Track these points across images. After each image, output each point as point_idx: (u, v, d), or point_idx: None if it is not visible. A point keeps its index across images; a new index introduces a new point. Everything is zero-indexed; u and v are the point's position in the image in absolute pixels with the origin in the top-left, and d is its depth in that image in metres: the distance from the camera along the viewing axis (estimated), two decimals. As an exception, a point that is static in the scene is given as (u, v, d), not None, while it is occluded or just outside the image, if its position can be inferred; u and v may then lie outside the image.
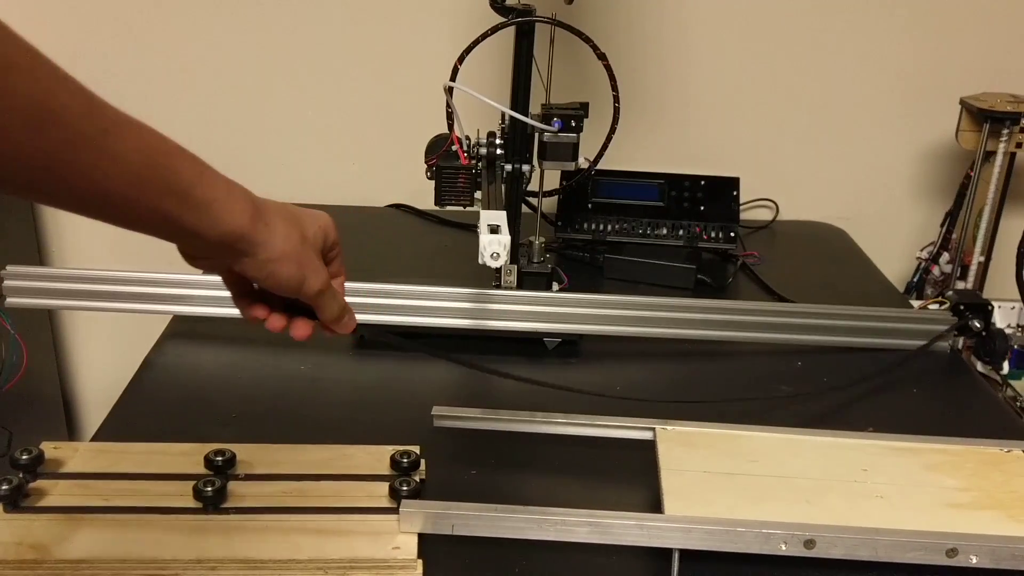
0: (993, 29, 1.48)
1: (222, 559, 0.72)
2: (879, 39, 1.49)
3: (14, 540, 0.73)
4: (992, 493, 0.81)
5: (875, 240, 1.51)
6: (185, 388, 1.02)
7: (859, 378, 1.06)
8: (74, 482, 0.80)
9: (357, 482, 0.82)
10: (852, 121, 1.54)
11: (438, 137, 1.13)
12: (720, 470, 0.82)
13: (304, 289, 0.66)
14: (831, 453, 0.86)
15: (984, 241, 1.41)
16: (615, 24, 1.46)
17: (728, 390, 1.06)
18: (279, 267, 0.63)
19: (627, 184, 1.40)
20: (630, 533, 0.74)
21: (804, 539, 0.73)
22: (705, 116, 1.53)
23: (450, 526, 0.75)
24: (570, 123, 1.07)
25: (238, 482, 0.81)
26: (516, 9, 1.06)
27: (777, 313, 1.14)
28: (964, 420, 1.04)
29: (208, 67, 1.48)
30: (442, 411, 0.90)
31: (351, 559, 0.73)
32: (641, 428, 0.88)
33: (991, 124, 1.35)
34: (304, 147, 1.54)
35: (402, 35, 1.47)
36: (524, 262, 1.18)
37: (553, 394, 1.02)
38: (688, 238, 1.36)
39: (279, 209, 0.64)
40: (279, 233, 0.62)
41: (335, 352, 1.08)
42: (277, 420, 0.96)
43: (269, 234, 0.61)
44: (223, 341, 1.09)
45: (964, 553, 0.73)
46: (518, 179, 1.13)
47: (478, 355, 1.09)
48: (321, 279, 0.67)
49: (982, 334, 1.16)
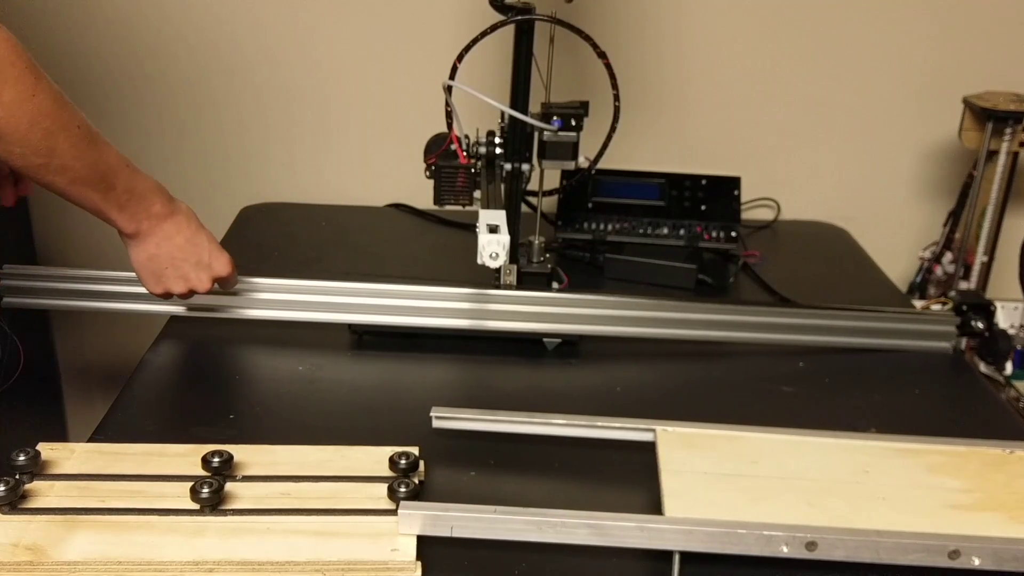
0: (996, 28, 1.48)
1: (219, 561, 0.72)
2: (882, 38, 1.49)
3: (10, 541, 0.72)
4: (994, 494, 0.81)
5: (877, 240, 1.51)
6: (182, 389, 1.01)
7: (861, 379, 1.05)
8: (71, 483, 0.80)
9: (355, 483, 0.81)
10: (854, 120, 1.54)
11: (437, 136, 1.12)
12: (721, 471, 0.82)
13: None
14: (833, 454, 0.85)
15: (987, 241, 1.40)
16: (615, 22, 1.45)
17: (729, 391, 1.06)
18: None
19: (627, 183, 1.39)
20: (630, 535, 0.74)
21: (805, 541, 0.73)
22: (706, 115, 1.53)
23: (449, 528, 0.74)
24: (570, 122, 1.06)
25: (236, 483, 0.80)
26: (516, 7, 1.05)
27: (778, 313, 1.13)
28: (966, 421, 1.03)
29: (208, 67, 1.48)
30: (441, 412, 0.89)
31: (349, 561, 0.72)
32: (641, 429, 0.88)
33: (994, 123, 1.34)
34: (303, 147, 1.54)
35: (401, 33, 1.47)
36: (524, 262, 1.18)
37: (553, 395, 1.02)
38: (689, 238, 1.36)
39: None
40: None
41: (333, 353, 1.08)
42: (275, 421, 0.95)
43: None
44: (220, 342, 1.09)
45: (966, 555, 0.73)
46: (518, 178, 1.12)
47: (478, 355, 1.09)
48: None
49: (985, 334, 1.16)
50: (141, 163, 0.92)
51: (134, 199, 0.89)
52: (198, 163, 1.53)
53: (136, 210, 0.90)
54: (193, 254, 0.96)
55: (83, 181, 0.84)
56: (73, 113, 0.81)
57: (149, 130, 1.50)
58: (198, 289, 0.98)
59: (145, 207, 0.91)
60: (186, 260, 0.95)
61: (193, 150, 1.52)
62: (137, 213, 0.90)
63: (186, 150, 1.52)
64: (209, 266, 0.97)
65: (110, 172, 0.86)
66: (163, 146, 1.51)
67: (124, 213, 0.89)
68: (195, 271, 0.96)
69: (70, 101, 0.81)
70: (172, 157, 1.51)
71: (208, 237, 0.97)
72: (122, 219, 0.90)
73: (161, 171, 0.99)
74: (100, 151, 0.85)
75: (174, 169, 1.50)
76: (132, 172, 0.89)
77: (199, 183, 1.52)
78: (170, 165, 1.50)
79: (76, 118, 0.81)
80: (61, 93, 0.80)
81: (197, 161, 1.53)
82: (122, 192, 0.88)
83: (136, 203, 0.90)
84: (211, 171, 1.53)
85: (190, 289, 0.97)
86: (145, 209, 0.91)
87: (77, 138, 0.81)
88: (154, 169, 0.98)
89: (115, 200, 0.88)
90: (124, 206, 0.89)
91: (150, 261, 0.94)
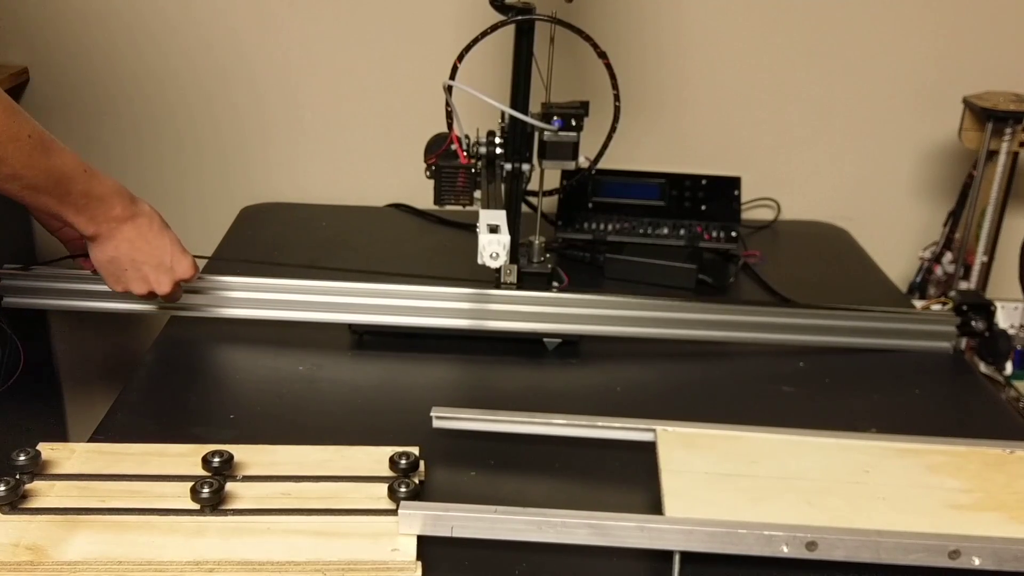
0: (997, 28, 1.48)
1: (220, 561, 0.72)
2: (882, 37, 1.49)
3: (11, 542, 0.72)
4: (995, 494, 0.81)
5: (877, 240, 1.51)
6: (182, 389, 1.01)
7: (861, 379, 1.05)
8: (71, 483, 0.80)
9: (356, 483, 0.81)
10: (854, 120, 1.54)
11: (437, 136, 1.12)
12: (721, 471, 0.82)
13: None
14: (833, 454, 0.85)
15: (987, 241, 1.40)
16: (616, 22, 1.45)
17: (729, 391, 1.06)
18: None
19: (628, 183, 1.39)
20: (630, 535, 0.74)
21: (806, 541, 0.73)
22: (706, 115, 1.53)
23: (449, 528, 0.74)
24: (570, 122, 1.06)
25: (236, 483, 0.80)
26: (516, 7, 1.05)
27: (779, 313, 1.13)
28: (967, 421, 1.03)
29: (208, 67, 1.48)
30: (441, 412, 0.89)
31: (350, 561, 0.72)
32: (641, 429, 0.88)
33: (994, 123, 1.34)
34: (303, 147, 1.54)
35: (401, 33, 1.47)
36: (524, 262, 1.18)
37: (553, 395, 1.02)
38: (689, 238, 1.36)
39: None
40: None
41: (333, 353, 1.08)
42: (275, 421, 0.95)
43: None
44: (221, 342, 1.09)
45: (966, 555, 0.73)
46: (518, 178, 1.12)
47: (478, 355, 1.09)
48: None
49: (985, 334, 1.16)
50: (141, 163, 0.92)
51: (92, 202, 0.90)
52: (198, 163, 1.53)
53: (95, 213, 0.91)
54: (153, 256, 0.96)
55: (36, 188, 0.85)
56: (23, 123, 0.82)
57: (150, 130, 1.50)
58: (158, 291, 0.98)
59: (104, 210, 0.91)
60: (146, 262, 0.96)
61: (193, 150, 1.52)
62: (96, 216, 0.91)
63: (186, 150, 1.52)
64: (171, 269, 0.97)
65: (65, 178, 0.86)
66: (163, 146, 1.51)
67: (82, 216, 0.90)
68: (155, 273, 0.97)
69: (22, 111, 0.82)
70: (172, 157, 1.51)
71: (171, 239, 0.97)
72: (81, 221, 0.90)
73: (161, 171, 0.99)
74: (53, 158, 0.85)
75: (174, 169, 1.50)
76: (90, 176, 0.89)
77: (199, 183, 1.52)
78: (170, 165, 1.50)
79: (27, 127, 0.82)
80: (11, 103, 0.81)
81: (197, 161, 1.53)
82: (79, 196, 0.88)
83: (95, 206, 0.90)
84: (211, 171, 1.53)
85: (150, 291, 0.98)
86: (104, 212, 0.91)
87: (28, 147, 0.82)
88: (154, 169, 0.99)
89: (71, 204, 0.88)
90: (82, 209, 0.89)
91: (110, 263, 0.95)
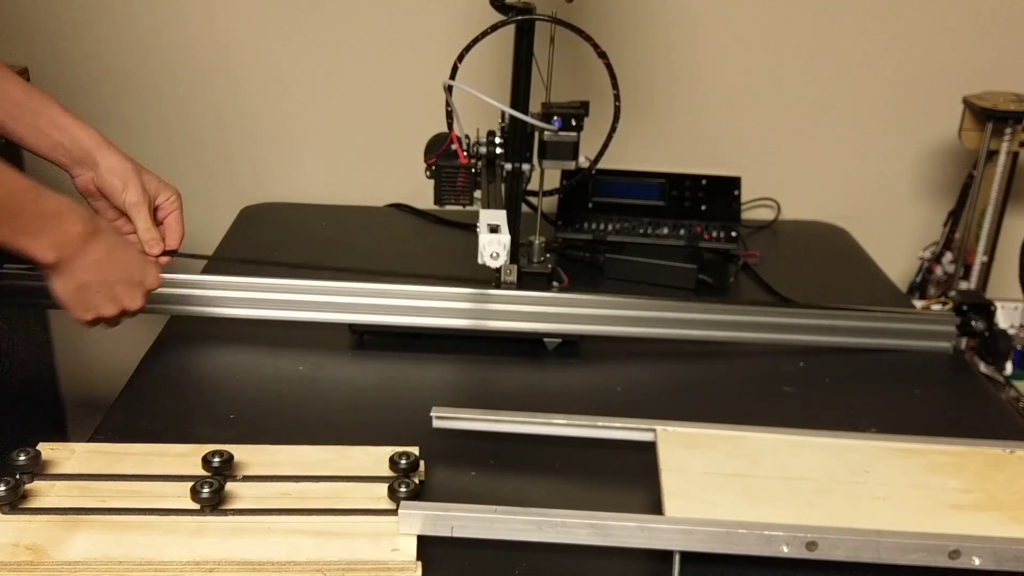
0: (996, 27, 1.48)
1: (220, 561, 0.72)
2: (881, 37, 1.49)
3: (11, 541, 0.72)
4: (995, 494, 0.81)
5: (877, 240, 1.51)
6: (183, 389, 1.01)
7: (861, 379, 1.05)
8: (71, 483, 0.80)
9: (356, 483, 0.81)
10: (854, 120, 1.54)
11: (438, 136, 1.12)
12: (721, 471, 0.82)
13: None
14: (833, 454, 0.85)
15: (987, 241, 1.41)
16: (616, 22, 1.45)
17: (729, 391, 1.06)
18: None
19: (628, 183, 1.39)
20: (631, 535, 0.74)
21: (806, 541, 0.73)
22: (706, 115, 1.53)
23: (449, 528, 0.74)
24: (570, 122, 1.06)
25: (236, 483, 0.80)
26: (516, 7, 1.05)
27: (779, 313, 1.13)
28: (967, 421, 1.03)
29: (208, 67, 1.48)
30: (441, 412, 0.89)
31: (350, 561, 0.72)
32: (642, 429, 0.88)
33: (994, 123, 1.34)
34: (303, 147, 1.54)
35: (401, 33, 1.47)
36: (524, 262, 1.18)
37: (553, 395, 1.02)
38: (689, 238, 1.36)
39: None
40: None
41: (333, 353, 1.08)
42: (275, 421, 0.95)
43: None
44: (221, 342, 1.09)
45: (967, 555, 0.72)
46: (518, 178, 1.12)
47: (478, 355, 1.09)
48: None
49: (985, 334, 1.16)
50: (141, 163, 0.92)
51: (47, 223, 0.80)
52: (198, 163, 1.53)
53: (53, 235, 0.81)
54: (124, 272, 0.88)
55: None
56: None
57: (150, 130, 1.50)
58: (130, 308, 0.91)
59: (62, 230, 0.82)
60: (118, 281, 0.88)
61: (193, 150, 1.52)
62: (55, 238, 0.81)
63: (186, 150, 1.52)
64: (140, 282, 0.91)
65: (11, 199, 0.78)
66: (163, 146, 1.51)
67: (39, 240, 0.80)
68: (127, 290, 0.90)
69: None
70: (172, 157, 1.51)
71: (135, 248, 0.92)
72: (39, 248, 0.81)
73: (161, 171, 0.99)
74: None
75: (174, 169, 1.49)
76: (38, 194, 0.80)
77: (199, 183, 1.52)
78: (170, 165, 1.49)
79: None
80: None
81: (197, 161, 1.53)
82: (31, 218, 0.79)
83: (51, 227, 0.81)
84: (211, 171, 1.53)
85: (122, 310, 0.90)
86: (63, 233, 0.82)
87: None
88: (154, 169, 0.98)
89: (24, 228, 0.79)
90: (36, 233, 0.80)
91: (79, 291, 0.86)
